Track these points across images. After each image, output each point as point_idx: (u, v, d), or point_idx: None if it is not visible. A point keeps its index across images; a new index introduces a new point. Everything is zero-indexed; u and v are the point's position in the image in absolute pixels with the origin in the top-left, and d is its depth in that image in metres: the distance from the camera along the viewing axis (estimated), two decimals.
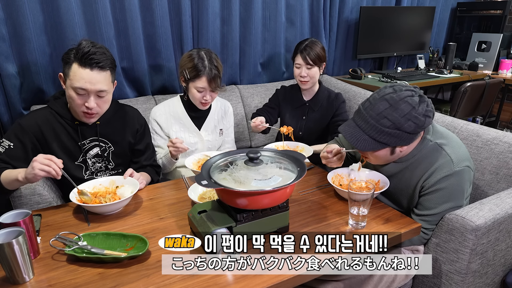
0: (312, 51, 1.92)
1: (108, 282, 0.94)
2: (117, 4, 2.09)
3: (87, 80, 1.32)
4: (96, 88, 1.35)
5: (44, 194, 1.50)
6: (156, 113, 1.82)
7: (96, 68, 1.33)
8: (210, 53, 1.71)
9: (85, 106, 1.37)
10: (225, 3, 2.42)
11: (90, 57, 1.31)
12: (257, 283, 0.93)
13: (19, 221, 1.00)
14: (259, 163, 1.09)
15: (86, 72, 1.32)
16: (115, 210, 1.28)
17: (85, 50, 1.31)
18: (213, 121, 1.90)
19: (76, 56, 1.32)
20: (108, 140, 1.55)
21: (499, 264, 1.39)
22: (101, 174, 1.56)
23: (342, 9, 3.03)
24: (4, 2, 1.81)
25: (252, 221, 1.07)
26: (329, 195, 1.40)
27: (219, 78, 1.70)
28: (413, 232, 1.19)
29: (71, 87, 1.34)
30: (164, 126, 1.81)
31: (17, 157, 1.39)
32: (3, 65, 1.88)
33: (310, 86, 2.01)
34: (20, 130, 1.41)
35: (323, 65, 2.00)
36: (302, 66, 1.95)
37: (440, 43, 3.93)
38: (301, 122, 2.08)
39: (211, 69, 1.65)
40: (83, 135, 1.49)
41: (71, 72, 1.33)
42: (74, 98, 1.36)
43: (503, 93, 3.64)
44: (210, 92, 1.70)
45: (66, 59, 1.34)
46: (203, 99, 1.72)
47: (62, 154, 1.47)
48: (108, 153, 1.56)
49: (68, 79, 1.34)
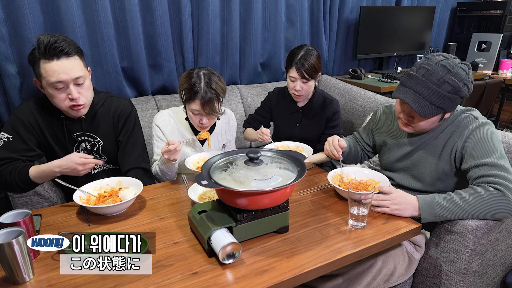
0: (307, 63, 1.77)
1: (108, 282, 0.94)
2: (117, 4, 2.09)
3: (60, 71, 1.31)
4: (72, 76, 1.34)
5: (44, 194, 1.50)
6: (161, 122, 1.71)
7: (63, 56, 1.32)
8: (210, 74, 1.56)
9: (69, 98, 1.37)
10: (225, 3, 2.42)
11: (52, 47, 1.30)
12: (257, 283, 0.93)
13: (19, 221, 1.01)
14: (259, 163, 1.09)
15: (55, 64, 1.31)
16: (118, 211, 1.28)
17: (45, 42, 1.30)
18: (217, 136, 1.81)
19: (40, 51, 1.31)
20: (96, 135, 1.54)
21: (499, 264, 1.39)
22: (98, 167, 1.57)
23: (342, 9, 3.03)
24: (4, 2, 1.81)
25: (252, 221, 1.07)
26: (329, 195, 1.40)
27: (217, 102, 1.56)
28: (413, 232, 1.18)
29: (47, 85, 1.34)
30: (168, 137, 1.70)
31: (17, 149, 1.41)
32: (3, 65, 1.88)
33: (304, 98, 1.93)
34: (16, 121, 1.43)
35: (318, 75, 1.86)
36: (297, 80, 1.81)
37: (440, 43, 3.93)
38: (295, 130, 2.00)
39: (206, 92, 1.51)
40: (69, 131, 1.49)
41: (42, 70, 1.32)
42: (55, 95, 1.36)
43: (503, 93, 3.64)
44: (207, 116, 1.58)
45: (32, 59, 1.34)
46: (199, 123, 1.61)
47: (56, 146, 1.48)
48: (98, 147, 1.55)
49: (42, 79, 1.34)
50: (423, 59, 1.31)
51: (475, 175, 1.23)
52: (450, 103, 1.26)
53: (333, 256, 1.04)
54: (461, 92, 1.25)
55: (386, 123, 1.56)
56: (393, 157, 1.50)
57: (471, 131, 1.29)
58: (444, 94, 1.23)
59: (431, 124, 1.33)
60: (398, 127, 1.47)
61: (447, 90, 1.23)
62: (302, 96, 1.88)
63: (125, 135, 1.58)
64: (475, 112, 1.37)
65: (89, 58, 2.07)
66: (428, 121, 1.30)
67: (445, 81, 1.23)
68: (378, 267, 1.27)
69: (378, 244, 1.11)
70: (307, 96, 1.95)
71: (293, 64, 1.81)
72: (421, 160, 1.41)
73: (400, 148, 1.47)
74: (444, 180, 1.37)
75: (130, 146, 1.58)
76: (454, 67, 1.23)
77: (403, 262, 1.31)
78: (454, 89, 1.23)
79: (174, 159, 1.53)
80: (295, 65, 1.79)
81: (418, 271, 1.39)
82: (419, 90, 1.26)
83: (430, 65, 1.25)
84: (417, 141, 1.42)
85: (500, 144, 1.26)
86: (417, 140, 1.42)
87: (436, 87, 1.23)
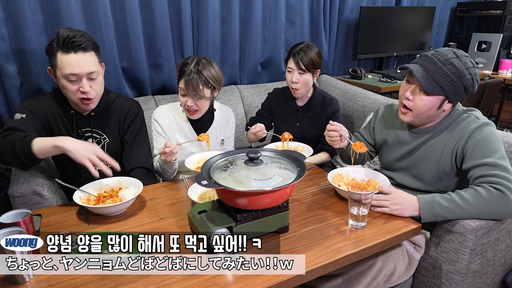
0: (306, 56, 1.80)
1: (108, 282, 0.94)
2: (117, 4, 2.09)
3: (75, 64, 1.35)
4: (86, 71, 1.38)
5: (44, 194, 1.50)
6: (159, 116, 1.76)
7: (80, 51, 1.36)
8: (203, 59, 1.63)
9: (80, 91, 1.40)
10: (225, 3, 2.42)
11: (71, 41, 1.34)
12: (257, 283, 0.93)
13: (19, 221, 1.01)
14: (259, 163, 1.09)
15: (71, 57, 1.35)
16: (118, 211, 1.28)
17: (64, 35, 1.34)
18: (215, 130, 1.84)
19: (58, 44, 1.35)
20: (103, 132, 1.56)
21: (499, 264, 1.39)
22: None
23: (342, 9, 3.03)
24: (4, 2, 1.81)
25: (252, 221, 1.07)
26: (329, 195, 1.40)
27: (203, 86, 1.60)
28: (413, 232, 1.19)
29: (61, 76, 1.37)
30: (166, 131, 1.76)
31: (30, 127, 1.41)
32: (3, 65, 1.88)
33: (301, 94, 1.91)
34: (31, 103, 1.47)
35: (317, 72, 1.88)
36: (294, 71, 1.84)
37: (440, 43, 3.93)
38: (295, 129, 1.99)
39: (191, 72, 1.58)
40: (78, 126, 1.52)
41: (58, 61, 1.36)
42: (67, 87, 1.39)
43: (503, 93, 3.64)
44: (192, 98, 1.62)
45: (50, 50, 1.38)
46: (185, 105, 1.65)
47: None
48: (103, 145, 1.57)
49: (57, 69, 1.37)
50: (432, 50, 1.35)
51: (476, 175, 1.23)
52: (452, 87, 1.27)
53: (333, 256, 1.03)
54: (465, 79, 1.27)
55: (387, 122, 1.57)
56: (394, 156, 1.50)
57: (472, 131, 1.29)
58: (448, 74, 1.26)
59: (429, 109, 1.32)
60: (399, 126, 1.47)
61: (451, 71, 1.26)
62: (299, 90, 1.88)
63: (131, 134, 1.60)
64: (477, 113, 1.37)
65: None
66: (426, 101, 1.31)
67: (451, 62, 1.27)
68: (378, 267, 1.27)
69: (378, 244, 1.11)
70: (306, 94, 1.96)
71: (291, 55, 1.86)
72: (422, 159, 1.41)
73: (401, 147, 1.47)
74: (445, 180, 1.37)
75: (135, 146, 1.60)
76: (462, 56, 1.29)
77: (403, 262, 1.31)
78: (458, 73, 1.26)
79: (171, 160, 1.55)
80: (293, 56, 1.84)
81: (418, 271, 1.39)
82: (425, 65, 1.30)
83: (441, 49, 1.33)
84: (418, 140, 1.42)
85: (501, 144, 1.26)
86: (418, 139, 1.42)
87: (441, 65, 1.27)
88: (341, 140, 1.47)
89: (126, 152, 1.60)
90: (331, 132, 1.46)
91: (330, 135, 1.47)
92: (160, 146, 1.75)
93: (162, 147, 1.52)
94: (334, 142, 1.48)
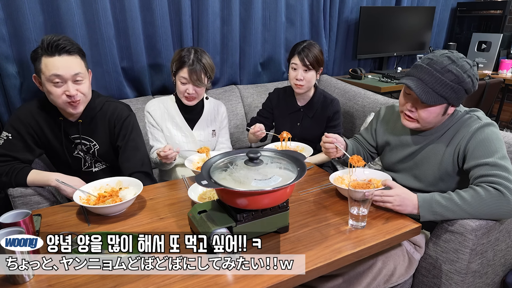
0: (310, 53, 1.82)
1: (108, 282, 0.94)
2: (117, 4, 2.09)
3: (59, 65, 1.35)
4: (70, 72, 1.36)
5: (44, 194, 1.50)
6: (150, 107, 1.84)
7: (64, 53, 1.35)
8: (200, 50, 1.73)
9: (66, 94, 1.38)
10: (225, 3, 2.42)
11: (55, 44, 1.33)
12: (257, 283, 0.93)
13: (19, 221, 1.01)
14: (259, 163, 1.09)
15: (56, 59, 1.34)
16: (118, 211, 1.28)
17: (48, 39, 1.34)
18: (206, 121, 1.89)
19: (43, 48, 1.34)
20: (92, 138, 1.55)
21: (499, 264, 1.39)
22: (99, 165, 1.58)
23: (342, 9, 3.03)
24: (4, 2, 1.81)
25: (252, 221, 1.07)
26: (329, 195, 1.40)
27: (204, 75, 1.70)
28: (413, 232, 1.19)
29: (46, 80, 1.36)
30: (158, 121, 1.83)
31: (16, 148, 1.43)
32: (3, 65, 1.88)
33: (305, 90, 1.91)
34: (16, 120, 1.46)
35: (320, 69, 1.90)
36: (299, 68, 1.85)
37: (440, 43, 3.93)
38: (296, 129, 1.99)
39: (193, 61, 1.67)
40: (66, 132, 1.51)
41: (42, 65, 1.35)
42: (52, 91, 1.37)
43: (503, 93, 3.64)
44: (193, 86, 1.70)
45: (34, 56, 1.37)
46: (186, 93, 1.72)
47: (56, 144, 1.50)
48: (94, 151, 1.57)
49: (42, 74, 1.36)
50: (428, 54, 1.33)
51: (476, 175, 1.23)
52: (453, 93, 1.26)
53: (333, 256, 1.04)
54: (465, 83, 1.25)
55: (389, 123, 1.56)
56: (396, 157, 1.50)
57: (474, 131, 1.28)
58: (447, 83, 1.24)
59: (435, 117, 1.32)
60: (401, 127, 1.47)
61: (450, 78, 1.24)
62: (303, 87, 1.88)
63: (123, 140, 1.58)
64: (479, 113, 1.37)
65: (89, 58, 2.06)
66: (431, 111, 1.30)
67: (448, 70, 1.24)
68: (378, 267, 1.27)
69: (378, 244, 1.11)
70: (307, 93, 1.96)
71: (295, 53, 1.86)
72: (424, 160, 1.40)
73: (404, 148, 1.47)
74: (447, 181, 1.37)
75: (129, 150, 1.58)
76: (458, 59, 1.26)
77: (403, 262, 1.31)
78: (457, 79, 1.24)
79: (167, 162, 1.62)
80: (298, 53, 1.85)
81: (418, 271, 1.39)
82: (423, 77, 1.27)
83: (435, 56, 1.29)
84: (421, 141, 1.42)
85: (502, 144, 1.26)
86: (421, 140, 1.41)
87: (439, 75, 1.25)
88: (337, 152, 1.47)
89: (122, 158, 1.58)
90: (327, 144, 1.46)
91: (326, 147, 1.47)
92: (155, 136, 1.83)
93: (162, 148, 1.56)
94: (330, 154, 1.48)
